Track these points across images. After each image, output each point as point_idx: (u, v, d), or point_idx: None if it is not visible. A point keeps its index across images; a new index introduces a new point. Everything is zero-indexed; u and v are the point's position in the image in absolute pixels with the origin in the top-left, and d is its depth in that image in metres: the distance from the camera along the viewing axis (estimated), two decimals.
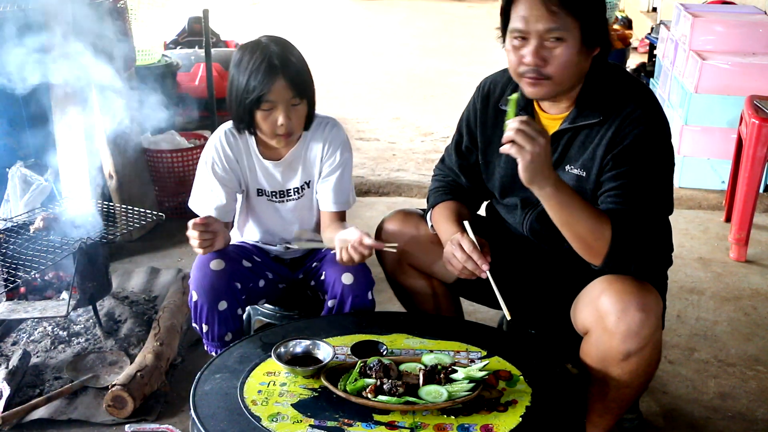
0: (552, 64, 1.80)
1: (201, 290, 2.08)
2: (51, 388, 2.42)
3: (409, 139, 5.60)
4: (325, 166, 2.23)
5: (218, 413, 1.59)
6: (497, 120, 2.05)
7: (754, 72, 4.30)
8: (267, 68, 2.00)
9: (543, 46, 1.79)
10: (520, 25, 1.80)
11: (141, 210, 2.80)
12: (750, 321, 3.06)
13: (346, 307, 2.10)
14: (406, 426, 1.54)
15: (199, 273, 2.09)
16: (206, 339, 2.15)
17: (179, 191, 3.95)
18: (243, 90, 2.03)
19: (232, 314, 2.12)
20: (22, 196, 3.03)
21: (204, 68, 4.96)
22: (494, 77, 2.12)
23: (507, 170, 2.03)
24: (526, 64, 1.81)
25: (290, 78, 2.02)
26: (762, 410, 2.48)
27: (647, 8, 9.60)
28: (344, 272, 2.10)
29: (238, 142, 2.20)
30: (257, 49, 2.05)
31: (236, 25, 9.46)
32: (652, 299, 1.78)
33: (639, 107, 1.84)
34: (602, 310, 1.78)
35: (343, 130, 2.27)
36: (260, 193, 2.25)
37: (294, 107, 2.07)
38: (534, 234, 2.05)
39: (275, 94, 2.02)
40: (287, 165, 2.22)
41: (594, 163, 1.87)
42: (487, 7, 13.16)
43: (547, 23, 1.76)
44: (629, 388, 1.86)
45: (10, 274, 2.40)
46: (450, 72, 7.92)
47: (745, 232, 3.58)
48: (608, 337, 1.78)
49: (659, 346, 1.85)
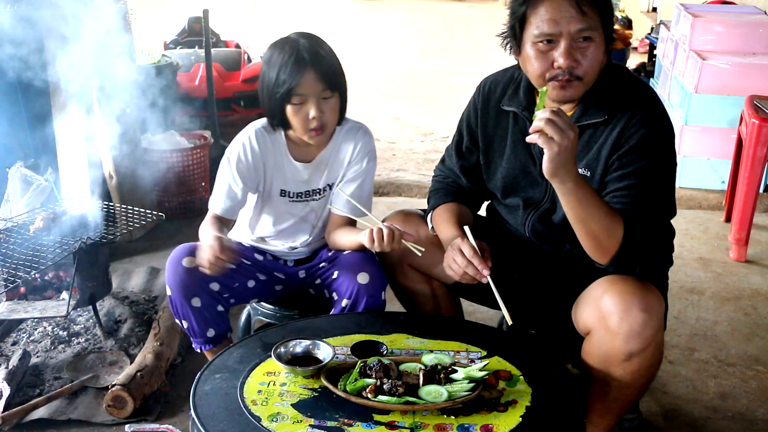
0: (583, 65, 1.80)
1: (173, 285, 2.08)
2: (51, 388, 2.42)
3: (409, 139, 5.60)
4: (350, 171, 2.23)
5: (218, 413, 1.59)
6: (498, 120, 2.04)
7: (754, 72, 4.30)
8: (296, 61, 2.00)
9: (574, 47, 1.79)
10: (548, 29, 1.78)
11: (141, 210, 2.80)
12: (750, 321, 3.06)
13: (359, 307, 2.09)
14: (406, 426, 1.54)
15: (171, 268, 2.09)
16: (190, 335, 2.16)
17: (179, 191, 3.95)
18: (273, 84, 2.03)
19: (210, 312, 2.10)
20: (22, 196, 3.02)
21: (204, 68, 4.96)
22: (495, 77, 2.11)
23: (509, 170, 2.03)
24: (559, 67, 1.80)
25: (320, 70, 2.02)
26: (762, 410, 2.48)
27: (647, 8, 9.60)
28: (359, 272, 2.09)
29: (268, 141, 2.17)
30: (286, 44, 2.05)
31: (236, 25, 9.46)
32: (654, 300, 1.78)
33: (644, 108, 1.84)
34: (605, 311, 1.78)
35: (372, 139, 2.26)
36: (283, 193, 2.22)
37: (325, 100, 2.05)
38: (536, 235, 2.05)
39: (305, 87, 2.01)
40: (316, 166, 2.21)
41: (599, 163, 1.87)
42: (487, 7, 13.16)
43: (579, 23, 1.76)
44: (631, 389, 1.85)
45: (10, 274, 2.40)
46: (450, 72, 7.92)
47: (745, 232, 3.58)
48: (610, 338, 1.78)
49: (661, 347, 1.85)
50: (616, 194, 1.83)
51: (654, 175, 1.82)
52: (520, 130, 1.98)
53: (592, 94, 1.87)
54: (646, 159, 1.81)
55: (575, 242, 1.87)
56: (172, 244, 3.63)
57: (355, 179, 2.22)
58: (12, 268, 2.42)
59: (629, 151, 1.82)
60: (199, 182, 4.02)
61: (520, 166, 2.01)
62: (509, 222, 2.14)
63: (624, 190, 1.82)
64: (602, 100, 1.87)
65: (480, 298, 2.21)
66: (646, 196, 1.81)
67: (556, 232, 1.99)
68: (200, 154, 4.00)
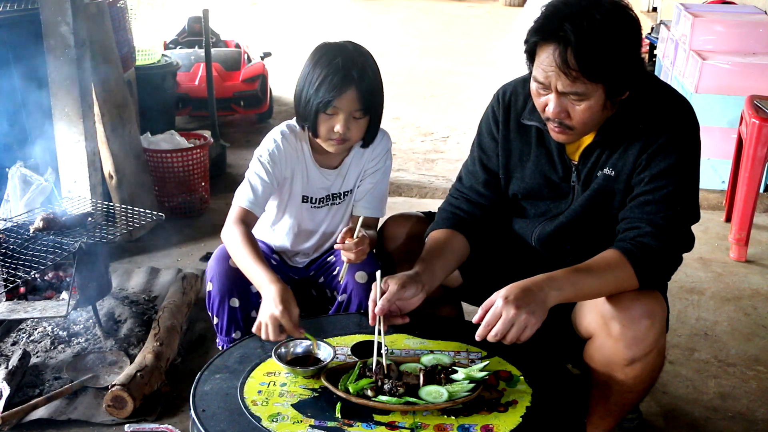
0: (575, 118, 1.74)
1: (216, 281, 2.09)
2: (51, 388, 2.42)
3: (409, 139, 5.60)
4: (367, 170, 2.24)
5: (218, 413, 1.59)
6: (520, 134, 1.98)
7: (754, 72, 4.30)
8: (343, 76, 1.98)
9: (564, 101, 1.72)
10: (541, 78, 1.72)
11: (141, 210, 2.80)
12: (750, 321, 3.06)
13: (352, 306, 2.11)
14: (407, 426, 1.54)
15: (219, 266, 2.09)
16: (217, 331, 2.17)
17: (179, 191, 3.95)
18: (314, 92, 2.00)
19: (243, 314, 2.12)
20: (22, 196, 3.02)
21: (204, 68, 4.96)
22: (514, 87, 2.02)
23: (531, 183, 1.97)
24: (549, 114, 1.76)
25: (362, 91, 2.00)
26: (762, 410, 2.48)
27: (647, 8, 9.60)
28: (358, 271, 2.10)
29: (295, 146, 2.17)
30: (340, 53, 2.01)
31: (236, 25, 9.47)
32: (657, 305, 1.77)
33: (673, 110, 1.80)
34: (607, 316, 1.77)
35: (390, 140, 2.28)
36: (305, 199, 2.23)
37: (356, 120, 2.05)
38: (541, 243, 2.03)
39: (342, 102, 2.00)
40: (339, 172, 2.22)
41: (626, 162, 1.82)
42: (487, 7, 13.17)
43: (568, 87, 1.69)
44: (632, 393, 1.85)
45: (10, 274, 2.40)
46: (450, 72, 7.92)
47: (745, 232, 3.58)
48: (613, 343, 1.77)
49: (663, 352, 1.84)
50: (647, 197, 1.78)
51: (683, 175, 1.78)
52: (544, 144, 1.94)
53: (620, 110, 1.80)
54: (674, 159, 1.77)
55: (576, 250, 1.86)
56: (172, 244, 3.68)
57: (373, 177, 2.25)
58: (12, 268, 2.41)
59: (658, 149, 1.77)
60: (199, 182, 4.02)
61: (544, 179, 1.96)
62: (515, 225, 2.10)
63: (652, 193, 1.77)
64: (631, 112, 1.80)
65: (480, 300, 2.20)
66: (674, 199, 1.77)
67: (562, 241, 1.98)
68: (200, 154, 4.00)
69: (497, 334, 1.62)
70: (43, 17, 3.24)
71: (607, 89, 1.70)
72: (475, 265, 2.08)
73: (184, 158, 3.92)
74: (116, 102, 3.60)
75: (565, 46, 1.65)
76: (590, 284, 1.74)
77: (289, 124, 2.19)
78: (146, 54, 4.65)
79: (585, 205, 1.90)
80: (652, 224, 1.77)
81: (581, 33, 1.63)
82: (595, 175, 1.88)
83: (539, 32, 1.70)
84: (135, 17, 4.40)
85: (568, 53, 1.64)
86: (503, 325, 1.62)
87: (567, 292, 1.71)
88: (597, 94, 1.70)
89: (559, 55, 1.66)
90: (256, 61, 5.87)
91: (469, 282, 2.14)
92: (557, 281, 1.71)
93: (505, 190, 2.04)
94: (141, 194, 3.74)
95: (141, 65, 4.53)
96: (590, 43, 1.63)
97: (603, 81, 1.68)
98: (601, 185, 1.87)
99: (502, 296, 1.64)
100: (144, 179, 3.81)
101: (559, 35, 1.65)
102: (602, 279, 1.74)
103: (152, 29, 4.72)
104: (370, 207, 2.26)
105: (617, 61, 1.67)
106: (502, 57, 2.01)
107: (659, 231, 1.76)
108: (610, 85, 1.69)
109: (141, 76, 4.43)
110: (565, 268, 1.74)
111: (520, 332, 1.62)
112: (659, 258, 1.76)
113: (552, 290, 1.69)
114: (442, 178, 4.71)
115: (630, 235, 1.79)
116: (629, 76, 1.72)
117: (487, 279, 2.11)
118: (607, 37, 1.65)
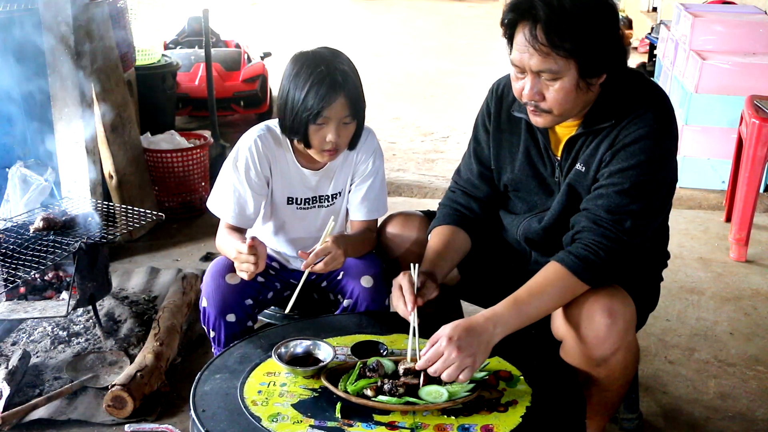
0: (548, 101, 1.76)
1: (212, 300, 2.05)
2: (51, 388, 2.42)
3: (409, 139, 5.61)
4: (357, 174, 2.22)
5: (218, 413, 1.59)
6: (510, 125, 2.00)
7: (754, 72, 4.30)
8: (330, 84, 1.94)
9: (539, 83, 1.74)
10: (516, 60, 1.75)
11: (141, 210, 2.80)
12: (750, 321, 3.06)
13: (360, 309, 2.10)
14: (407, 426, 1.54)
15: (213, 283, 2.06)
16: (213, 344, 2.14)
17: (179, 191, 3.96)
18: (301, 104, 1.95)
19: (241, 327, 2.09)
20: (22, 196, 3.03)
21: (204, 68, 4.96)
22: (507, 80, 2.03)
23: (520, 176, 1.99)
24: (525, 97, 1.78)
25: (349, 97, 1.97)
26: (762, 410, 2.48)
27: (647, 8, 9.61)
28: (363, 275, 2.09)
29: (273, 148, 2.13)
30: (320, 62, 1.97)
31: (236, 25, 9.47)
32: (618, 303, 1.76)
33: (649, 109, 1.80)
34: (571, 319, 1.78)
35: (376, 138, 2.24)
36: (290, 201, 2.20)
37: (345, 125, 2.01)
38: (527, 240, 2.03)
39: (332, 111, 1.96)
40: (324, 173, 2.19)
41: (595, 159, 1.84)
42: (487, 7, 13.17)
43: (540, 65, 1.71)
44: (609, 392, 1.86)
45: (10, 274, 2.40)
46: (450, 72, 7.93)
47: (745, 232, 3.58)
48: (579, 345, 1.78)
49: (633, 348, 1.83)
50: (601, 191, 1.78)
51: (644, 171, 1.77)
52: (533, 137, 1.95)
53: (598, 108, 1.82)
54: (638, 156, 1.77)
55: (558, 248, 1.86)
56: (172, 244, 3.68)
57: (364, 181, 2.22)
58: (12, 268, 2.42)
59: (623, 147, 1.78)
60: (199, 182, 4.02)
61: (532, 171, 1.97)
62: (504, 222, 2.10)
63: (607, 188, 1.78)
64: (610, 110, 1.81)
65: (481, 300, 2.21)
66: (631, 193, 1.76)
67: (546, 237, 1.98)
68: (200, 154, 4.00)
69: (436, 372, 1.63)
70: (43, 17, 3.24)
71: (579, 67, 1.71)
72: (473, 261, 2.09)
73: (184, 158, 3.92)
74: (116, 102, 3.60)
75: (535, 23, 1.68)
76: (536, 307, 1.75)
77: (268, 125, 2.15)
78: (146, 54, 4.65)
79: (562, 202, 1.90)
80: (594, 219, 1.77)
81: (550, 8, 1.67)
82: (573, 170, 1.89)
83: (513, 10, 1.74)
84: (135, 17, 4.39)
85: (537, 29, 1.68)
86: (443, 365, 1.62)
87: (513, 324, 1.72)
88: (570, 73, 1.72)
89: (529, 31, 1.69)
90: (256, 61, 5.88)
91: (467, 279, 2.14)
92: (502, 317, 1.71)
93: (498, 182, 2.06)
94: (141, 194, 3.74)
95: (141, 65, 4.53)
96: (558, 17, 1.66)
97: (574, 55, 1.69)
98: (573, 180, 1.87)
99: (447, 335, 1.65)
100: (144, 179, 3.81)
101: (531, 13, 1.69)
102: (547, 297, 1.75)
103: (152, 29, 4.72)
104: (368, 209, 2.23)
105: (588, 36, 1.69)
106: (502, 57, 2.01)
107: (599, 226, 1.76)
108: (581, 61, 1.71)
109: (141, 76, 4.43)
110: (507, 299, 1.75)
111: (458, 373, 1.62)
112: (600, 255, 1.75)
113: (497, 327, 1.69)
114: (442, 178, 4.71)
115: (567, 240, 1.83)
116: (602, 55, 1.73)
117: (484, 276, 2.12)
118: (576, 13, 1.67)
